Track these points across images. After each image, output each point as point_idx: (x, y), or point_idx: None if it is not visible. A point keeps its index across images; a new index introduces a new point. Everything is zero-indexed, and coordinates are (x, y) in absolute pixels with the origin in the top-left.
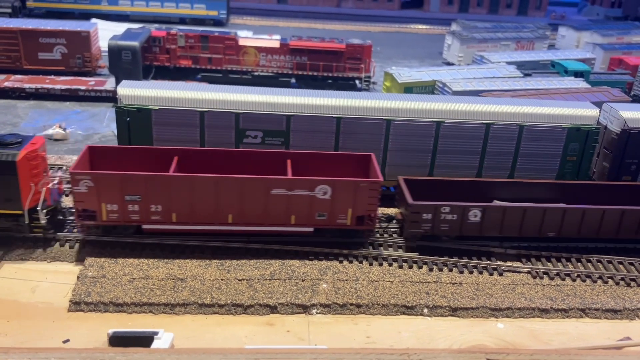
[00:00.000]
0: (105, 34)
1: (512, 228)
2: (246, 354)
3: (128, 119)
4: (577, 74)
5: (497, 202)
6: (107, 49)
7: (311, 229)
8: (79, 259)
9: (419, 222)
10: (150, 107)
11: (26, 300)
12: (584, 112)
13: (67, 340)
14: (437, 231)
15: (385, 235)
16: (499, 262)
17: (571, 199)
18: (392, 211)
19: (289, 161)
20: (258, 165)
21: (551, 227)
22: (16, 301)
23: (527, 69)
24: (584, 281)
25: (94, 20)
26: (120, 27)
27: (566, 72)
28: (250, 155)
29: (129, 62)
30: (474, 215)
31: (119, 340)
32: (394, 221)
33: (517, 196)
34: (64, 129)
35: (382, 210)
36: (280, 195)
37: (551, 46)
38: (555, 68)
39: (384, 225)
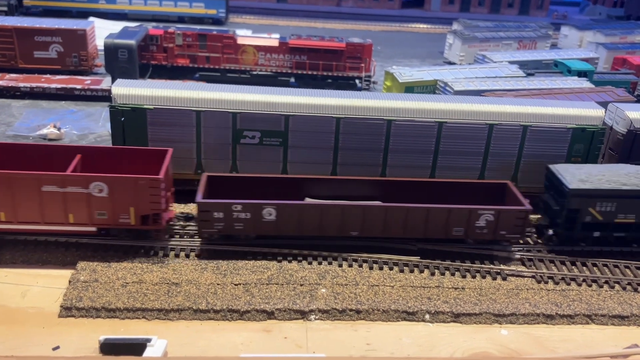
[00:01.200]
0: (102, 32)
1: (312, 227)
2: None
3: (123, 118)
4: (581, 74)
5: (308, 200)
6: (103, 48)
7: (94, 229)
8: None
9: (210, 221)
10: (145, 106)
11: (16, 305)
12: (589, 113)
13: (57, 347)
14: (232, 230)
15: (180, 234)
16: (502, 266)
17: (397, 196)
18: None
19: (78, 156)
20: (56, 160)
21: (353, 226)
22: (5, 306)
23: (530, 68)
24: (589, 286)
25: (91, 18)
26: (117, 26)
27: (569, 71)
28: (44, 149)
29: (125, 61)
30: (269, 213)
31: (110, 347)
32: (193, 220)
33: (341, 193)
34: (59, 129)
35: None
36: (53, 193)
37: (554, 46)
38: (558, 67)
39: (182, 224)
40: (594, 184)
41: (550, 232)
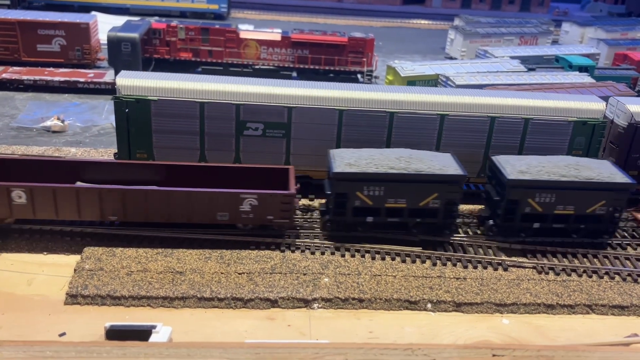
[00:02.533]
0: (105, 27)
1: (69, 210)
2: (246, 348)
3: (127, 110)
4: (582, 69)
5: (79, 184)
6: (106, 41)
7: None
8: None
9: None
10: (149, 97)
11: (22, 292)
12: (590, 106)
13: (64, 334)
14: None
15: None
16: (503, 257)
17: (183, 181)
18: None
19: None
20: None
21: (112, 210)
22: (12, 294)
23: (531, 63)
24: (590, 277)
25: (93, 12)
26: (120, 21)
27: (570, 67)
28: None
29: (128, 54)
30: (18, 196)
31: (116, 334)
32: None
33: (124, 177)
34: (62, 121)
35: None
36: None
37: (555, 42)
38: (559, 63)
39: None
40: (360, 167)
41: (327, 217)
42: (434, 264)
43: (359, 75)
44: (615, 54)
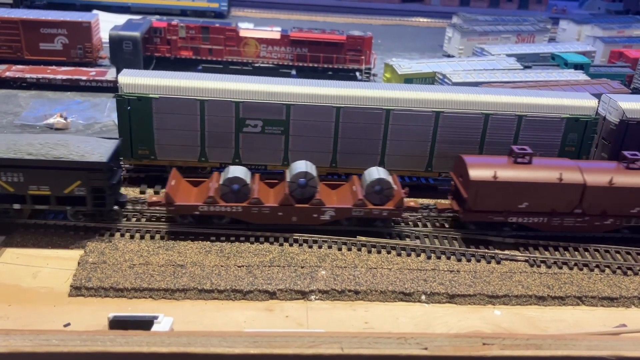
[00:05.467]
0: (106, 25)
1: None
2: (245, 336)
3: (129, 107)
4: (577, 67)
5: None
6: (108, 40)
7: None
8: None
9: None
10: (151, 95)
11: (27, 285)
12: (583, 103)
13: (68, 324)
14: None
15: None
16: (496, 251)
17: None
18: None
19: None
20: None
21: None
22: (17, 286)
23: (528, 61)
24: (581, 270)
25: (95, 11)
26: (121, 19)
27: (566, 64)
28: None
29: (129, 52)
30: None
31: (119, 324)
32: None
33: None
34: (65, 118)
35: None
36: None
37: (552, 39)
38: (555, 61)
39: None
40: None
41: None
42: (429, 257)
43: (357, 73)
44: (611, 52)
